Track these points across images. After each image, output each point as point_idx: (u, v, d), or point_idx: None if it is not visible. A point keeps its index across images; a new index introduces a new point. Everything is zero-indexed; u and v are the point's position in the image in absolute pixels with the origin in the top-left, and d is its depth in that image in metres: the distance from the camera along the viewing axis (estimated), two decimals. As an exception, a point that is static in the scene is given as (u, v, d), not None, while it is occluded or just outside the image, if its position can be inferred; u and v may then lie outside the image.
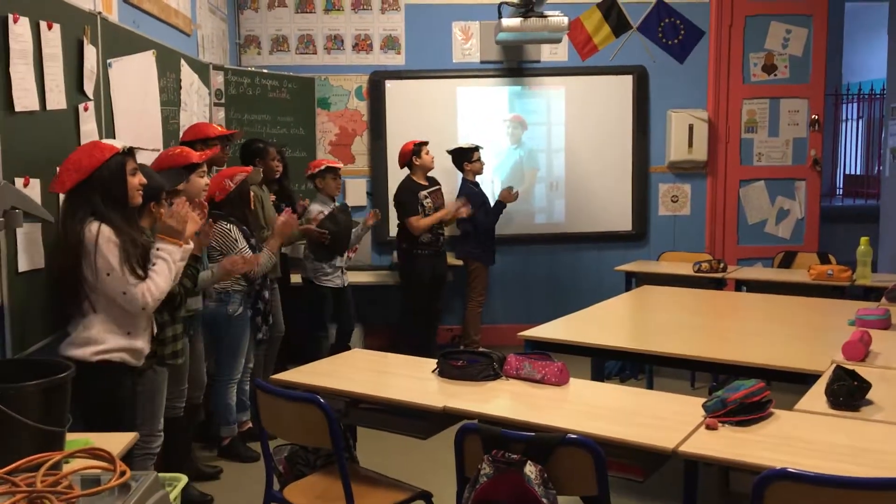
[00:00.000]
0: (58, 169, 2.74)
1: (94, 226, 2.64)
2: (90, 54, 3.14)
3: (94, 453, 1.56)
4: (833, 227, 7.22)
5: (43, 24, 2.76)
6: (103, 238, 2.63)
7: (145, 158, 3.44)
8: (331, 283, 5.20)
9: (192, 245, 2.98)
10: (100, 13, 3.29)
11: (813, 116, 6.66)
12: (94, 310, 2.70)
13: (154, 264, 2.75)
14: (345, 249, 5.22)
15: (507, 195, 5.92)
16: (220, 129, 4.36)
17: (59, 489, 1.43)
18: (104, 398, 2.72)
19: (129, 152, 2.79)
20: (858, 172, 10.32)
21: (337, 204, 5.21)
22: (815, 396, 2.54)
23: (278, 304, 4.85)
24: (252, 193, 4.29)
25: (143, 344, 2.83)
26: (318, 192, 5.22)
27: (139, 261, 2.69)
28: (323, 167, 5.16)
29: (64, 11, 2.94)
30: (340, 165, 5.28)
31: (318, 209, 5.10)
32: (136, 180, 2.78)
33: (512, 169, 6.60)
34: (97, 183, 2.66)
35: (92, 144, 2.79)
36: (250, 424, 4.40)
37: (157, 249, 2.78)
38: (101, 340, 2.70)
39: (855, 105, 10.10)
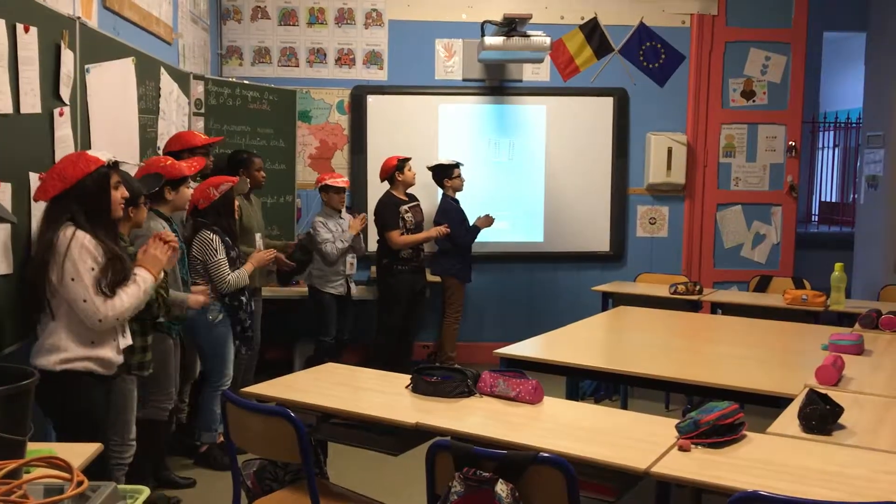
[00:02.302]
0: (39, 177, 2.74)
1: (69, 230, 2.63)
2: (67, 59, 3.10)
3: (51, 462, 1.51)
4: (808, 253, 7.28)
5: (20, 27, 2.72)
6: (77, 243, 2.61)
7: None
8: (333, 290, 5.36)
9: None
10: (79, 18, 3.25)
11: (790, 143, 6.74)
12: (54, 316, 2.68)
13: (127, 285, 2.74)
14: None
15: (483, 221, 5.91)
16: (203, 137, 4.35)
17: (12, 498, 1.38)
18: (74, 408, 2.70)
19: (114, 165, 2.81)
20: (834, 200, 10.44)
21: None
22: (788, 420, 2.54)
23: (258, 316, 4.83)
24: (236, 204, 4.28)
25: (111, 353, 2.79)
26: (323, 204, 5.47)
27: (110, 276, 2.67)
28: (322, 183, 5.43)
29: (42, 15, 2.91)
30: (339, 184, 5.40)
31: (319, 219, 5.37)
32: (119, 194, 2.82)
33: (489, 194, 6.52)
34: (80, 193, 2.67)
35: (78, 155, 2.80)
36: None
37: (135, 274, 2.80)
38: (63, 348, 2.68)
39: (831, 133, 10.22)
